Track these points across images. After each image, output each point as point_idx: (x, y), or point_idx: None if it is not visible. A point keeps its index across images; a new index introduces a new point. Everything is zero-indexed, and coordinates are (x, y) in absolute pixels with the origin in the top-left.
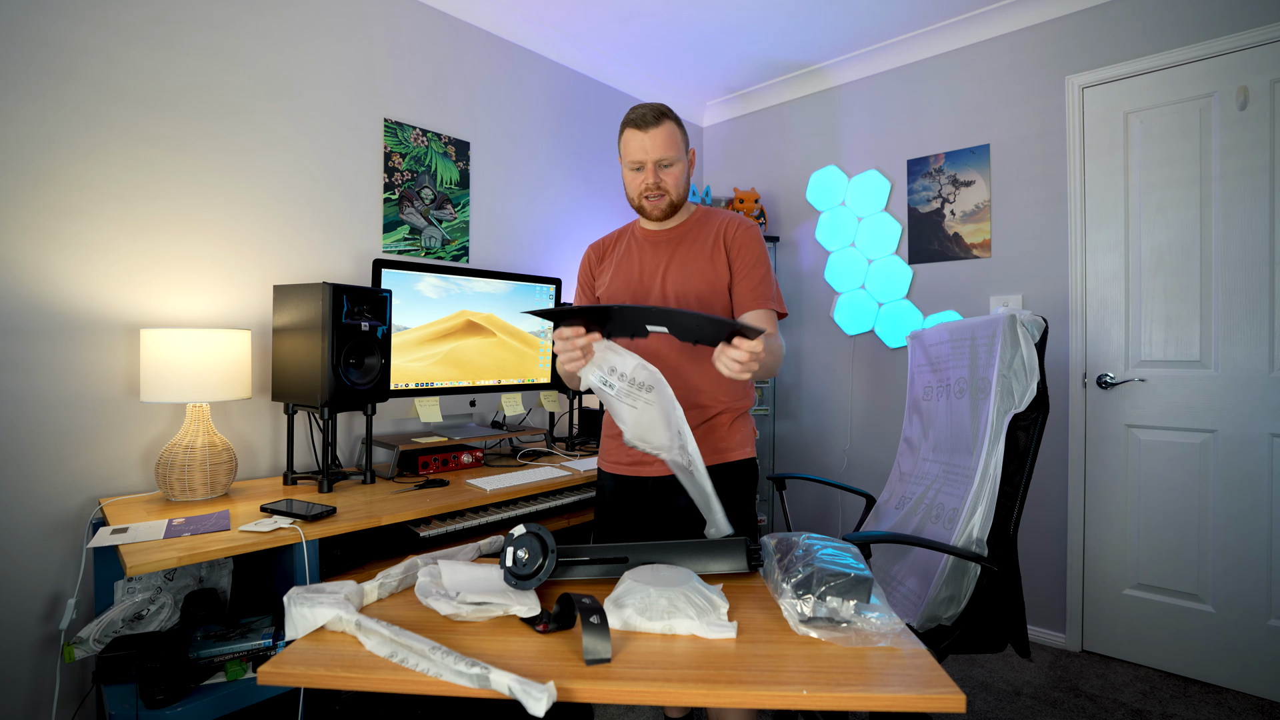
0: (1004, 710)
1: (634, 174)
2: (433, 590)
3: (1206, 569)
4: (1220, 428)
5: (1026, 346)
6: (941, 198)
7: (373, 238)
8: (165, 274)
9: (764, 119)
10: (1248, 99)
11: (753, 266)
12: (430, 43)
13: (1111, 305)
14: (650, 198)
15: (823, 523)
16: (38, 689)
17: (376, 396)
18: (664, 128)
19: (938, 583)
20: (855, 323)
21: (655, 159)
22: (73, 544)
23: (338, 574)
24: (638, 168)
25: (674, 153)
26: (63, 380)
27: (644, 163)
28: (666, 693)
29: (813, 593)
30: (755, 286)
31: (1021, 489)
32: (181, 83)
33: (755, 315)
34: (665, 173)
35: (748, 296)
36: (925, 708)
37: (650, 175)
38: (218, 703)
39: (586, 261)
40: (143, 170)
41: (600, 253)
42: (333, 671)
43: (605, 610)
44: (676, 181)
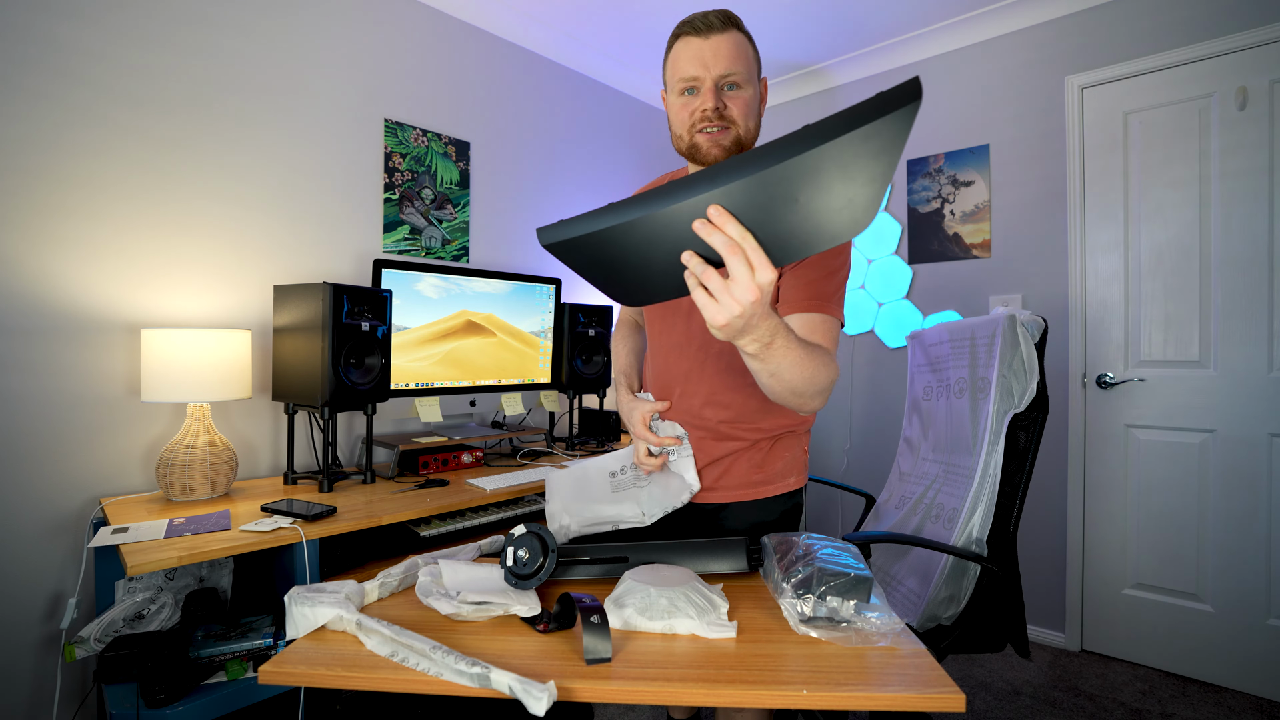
0: (1004, 710)
1: (685, 100)
2: (433, 590)
3: (1205, 569)
4: (1219, 428)
5: (1026, 346)
6: (941, 198)
7: (373, 238)
8: (166, 274)
9: (764, 119)
10: (1247, 99)
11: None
12: (430, 43)
13: (1111, 305)
14: (709, 130)
15: (823, 523)
16: (38, 688)
17: (377, 396)
18: (730, 36)
19: (937, 582)
20: (855, 323)
21: (718, 74)
22: (73, 543)
23: (338, 573)
24: (691, 88)
25: (744, 68)
26: (63, 380)
27: (701, 81)
28: (667, 692)
29: (813, 592)
30: (811, 283)
31: (1021, 489)
32: (182, 83)
33: (812, 318)
34: (732, 96)
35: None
36: (925, 707)
37: (710, 97)
38: (218, 702)
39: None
40: (143, 170)
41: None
42: (333, 671)
43: (606, 609)
44: (746, 110)
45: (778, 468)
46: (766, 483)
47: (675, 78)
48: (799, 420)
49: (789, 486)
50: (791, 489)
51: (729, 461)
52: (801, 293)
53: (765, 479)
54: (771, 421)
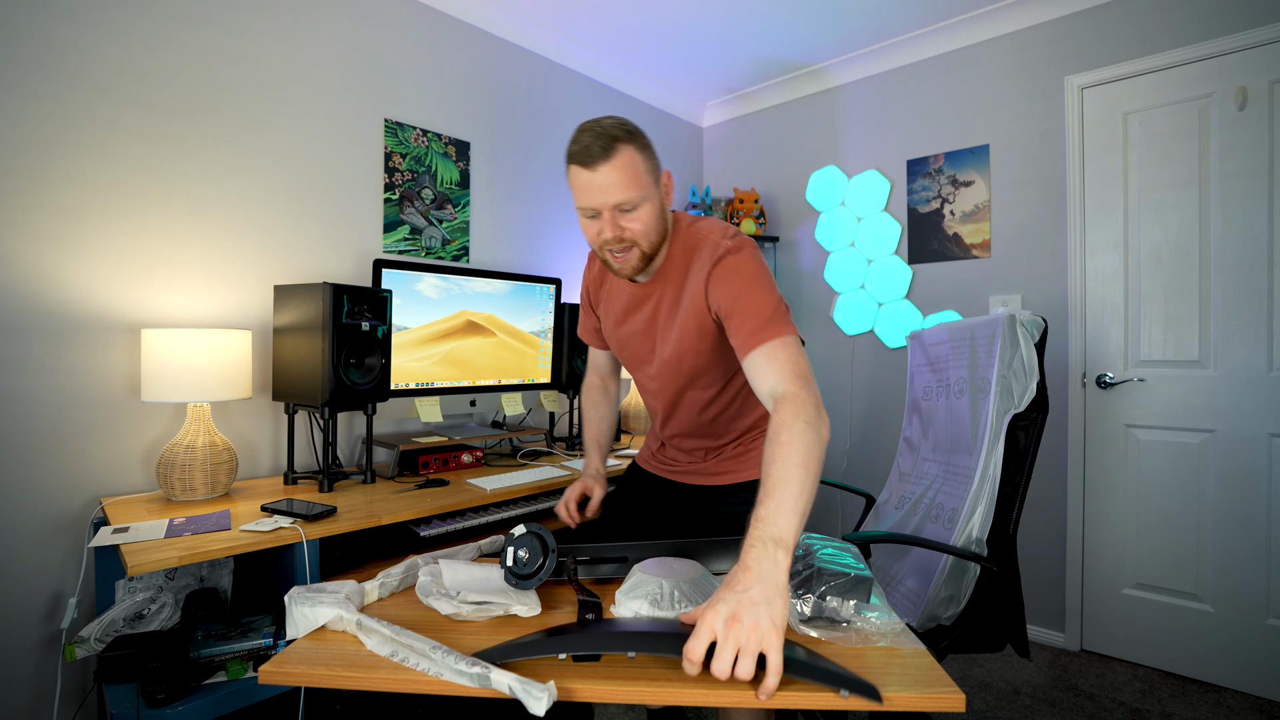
0: (1003, 709)
1: (589, 222)
2: (433, 590)
3: (1205, 568)
4: (1219, 427)
5: (1026, 346)
6: (941, 198)
7: (373, 238)
8: (166, 274)
9: (764, 119)
10: (1246, 99)
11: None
12: (430, 43)
13: (1111, 305)
14: (614, 252)
15: (823, 523)
16: (39, 688)
17: (377, 396)
18: (619, 159)
19: (937, 582)
20: (855, 323)
21: (612, 204)
22: (74, 543)
23: (338, 573)
24: (592, 215)
25: (636, 192)
26: (63, 380)
27: (598, 210)
28: (667, 692)
29: (813, 592)
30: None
31: (1021, 489)
32: (182, 83)
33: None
34: (628, 218)
35: (746, 340)
36: (925, 707)
37: (609, 227)
38: (218, 702)
39: (589, 273)
40: (143, 170)
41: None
42: (333, 671)
43: (617, 601)
44: (646, 228)
45: (751, 458)
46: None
47: (578, 205)
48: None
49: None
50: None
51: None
52: (745, 331)
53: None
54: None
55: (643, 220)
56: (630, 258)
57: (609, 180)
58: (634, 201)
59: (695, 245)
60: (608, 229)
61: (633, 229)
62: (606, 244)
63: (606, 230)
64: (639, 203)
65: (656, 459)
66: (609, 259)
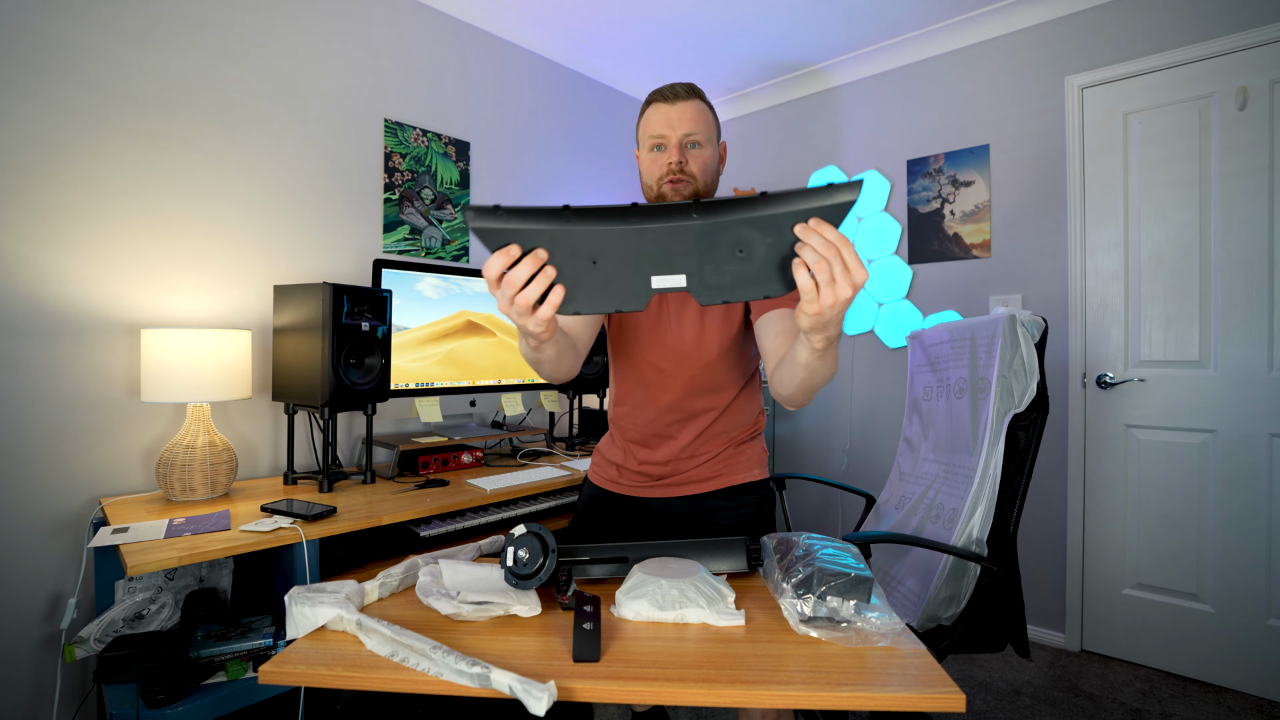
0: (1003, 710)
1: (654, 155)
2: (433, 590)
3: (1206, 569)
4: (1219, 428)
5: (1026, 346)
6: (941, 198)
7: (373, 238)
8: (165, 274)
9: (764, 119)
10: (1247, 99)
11: None
12: (430, 43)
13: (1111, 305)
14: (672, 181)
15: (823, 523)
16: (39, 688)
17: (377, 396)
18: (693, 104)
19: (937, 583)
20: (855, 323)
21: (682, 134)
22: (73, 544)
23: (338, 573)
24: (659, 145)
25: (704, 131)
26: (63, 380)
27: (667, 139)
28: (666, 692)
29: (813, 592)
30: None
31: (1021, 489)
32: (182, 82)
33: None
34: (693, 154)
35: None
36: (925, 707)
37: (674, 153)
38: (218, 702)
39: None
40: (143, 170)
41: None
42: (333, 671)
43: (617, 601)
44: (704, 167)
45: (741, 463)
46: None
47: (645, 135)
48: (758, 427)
49: (753, 477)
50: (756, 479)
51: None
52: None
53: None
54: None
55: (702, 161)
56: (686, 188)
57: (684, 114)
58: (700, 139)
59: None
60: (674, 153)
61: (693, 165)
62: (668, 172)
63: (673, 155)
64: (704, 143)
65: (628, 477)
66: (665, 191)
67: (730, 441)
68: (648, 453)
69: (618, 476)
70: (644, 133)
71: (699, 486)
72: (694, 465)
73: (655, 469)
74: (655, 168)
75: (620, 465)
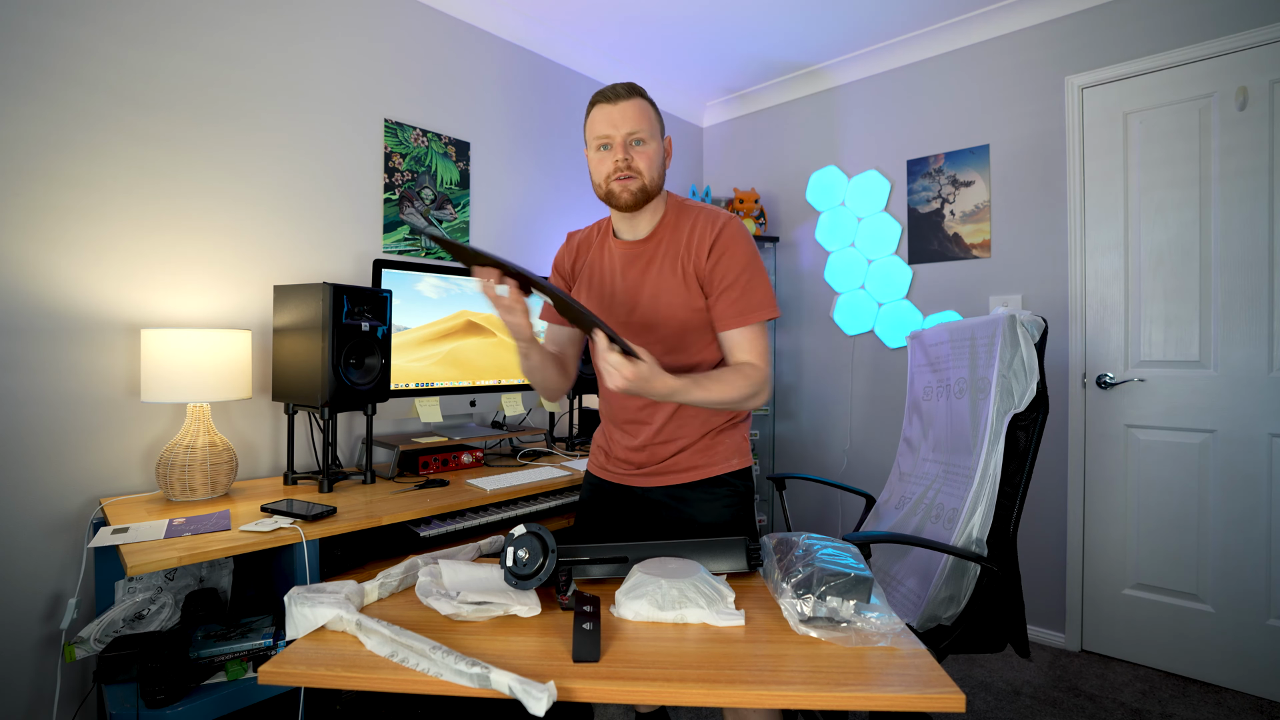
0: (1003, 710)
1: (601, 154)
2: (433, 590)
3: (1206, 569)
4: (1219, 428)
5: (1026, 346)
6: (941, 198)
7: (373, 238)
8: (165, 274)
9: (764, 119)
10: (1247, 99)
11: (727, 278)
12: (430, 43)
13: (1111, 305)
14: (620, 178)
15: (823, 523)
16: (39, 688)
17: (377, 396)
18: (635, 102)
19: (937, 583)
20: (855, 323)
21: (625, 132)
22: (73, 544)
23: (338, 574)
24: (604, 144)
25: (647, 127)
26: (63, 380)
27: (612, 138)
28: (666, 693)
29: (813, 593)
30: (734, 302)
31: (1021, 489)
32: (182, 82)
33: (735, 336)
34: (637, 151)
35: (726, 314)
36: (925, 707)
37: (619, 151)
38: (218, 702)
39: (562, 256)
40: (143, 170)
41: (576, 250)
42: (333, 671)
43: (617, 601)
44: (650, 163)
45: (719, 452)
46: (710, 465)
47: (592, 136)
48: (738, 414)
49: (731, 467)
50: (735, 469)
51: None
52: (730, 311)
53: (708, 462)
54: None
55: (648, 157)
56: (633, 184)
57: (625, 114)
58: (644, 136)
59: (693, 214)
60: (619, 151)
61: (639, 162)
62: (615, 170)
63: (618, 153)
64: (648, 139)
65: (614, 464)
66: (614, 188)
67: (708, 428)
68: (626, 438)
69: (605, 463)
70: (590, 133)
71: (679, 477)
72: (671, 452)
73: (635, 455)
74: (603, 166)
75: (607, 451)
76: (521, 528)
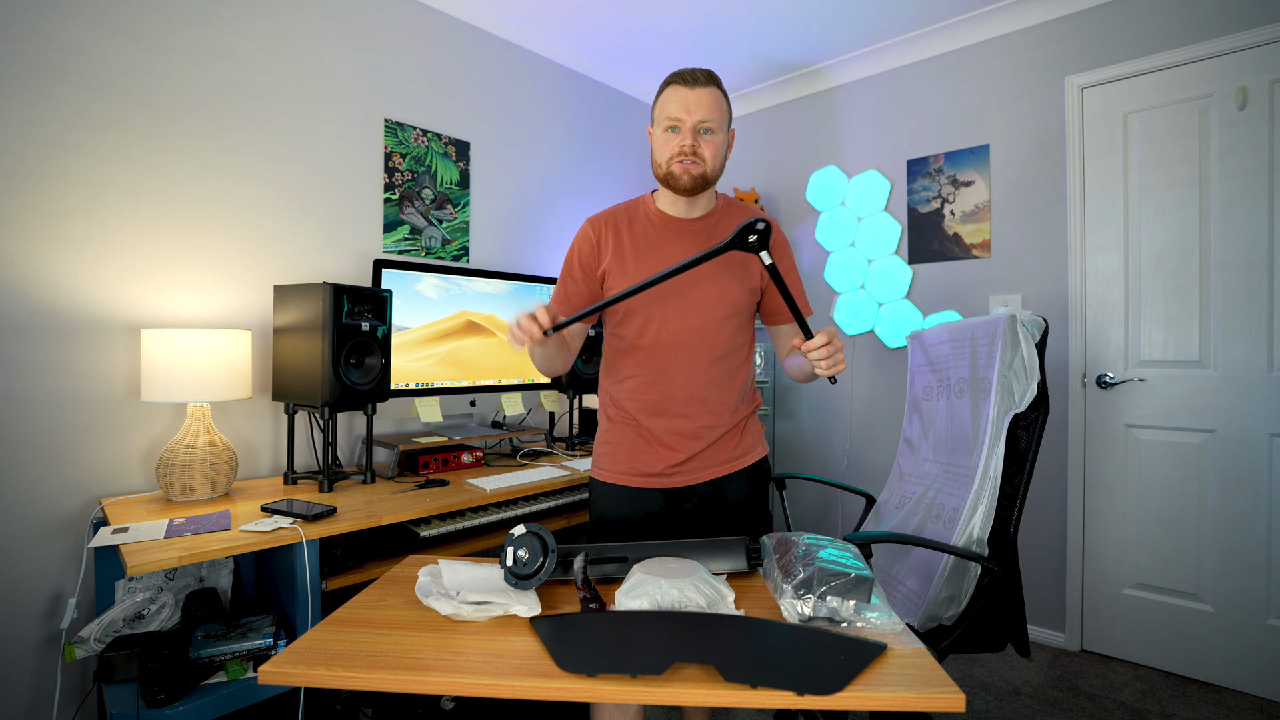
0: (1004, 709)
1: (668, 135)
2: (433, 590)
3: (1205, 568)
4: (1219, 428)
5: (1026, 346)
6: (941, 198)
7: (373, 238)
8: (166, 274)
9: (764, 119)
10: (1247, 99)
11: (790, 275)
12: (430, 43)
13: (1111, 305)
14: (683, 161)
15: (823, 523)
16: (39, 688)
17: (377, 396)
18: (710, 91)
19: (938, 582)
20: (855, 323)
21: (697, 119)
22: (74, 543)
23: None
24: (673, 127)
25: (718, 118)
26: (63, 380)
27: (682, 123)
28: (666, 693)
29: (813, 593)
30: (800, 296)
31: (1022, 489)
32: (182, 82)
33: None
34: (705, 139)
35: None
36: (925, 707)
37: (688, 137)
38: (218, 702)
39: (585, 240)
40: (143, 170)
41: (605, 231)
42: (333, 671)
43: (617, 601)
44: (715, 153)
45: (749, 443)
46: (745, 455)
47: (662, 116)
48: (756, 404)
49: (759, 455)
50: (760, 457)
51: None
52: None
53: (743, 452)
54: (742, 409)
55: (714, 146)
56: (695, 169)
57: (702, 101)
58: (714, 126)
59: (738, 207)
60: (687, 136)
61: (705, 150)
62: (681, 153)
63: (687, 139)
64: (716, 129)
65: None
66: (675, 169)
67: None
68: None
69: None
70: (660, 112)
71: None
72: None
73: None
74: (668, 147)
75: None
76: (521, 527)
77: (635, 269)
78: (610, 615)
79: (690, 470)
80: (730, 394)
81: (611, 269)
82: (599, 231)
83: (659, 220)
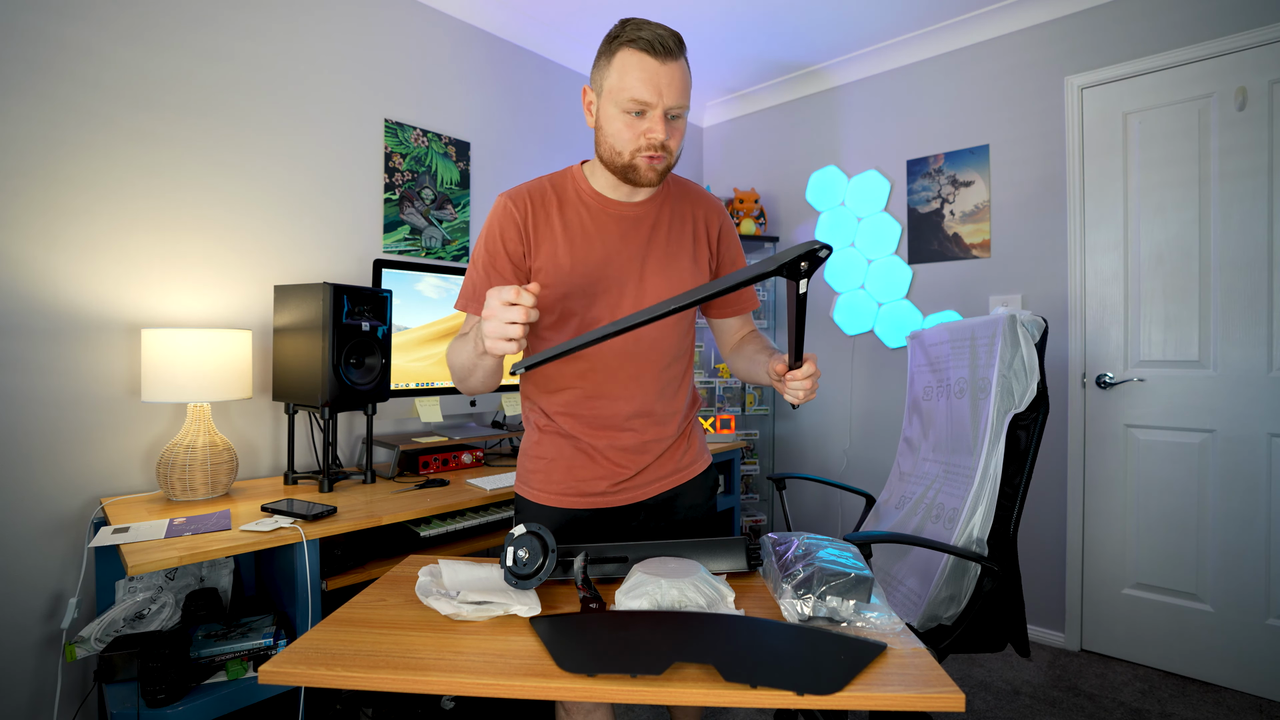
0: (1003, 709)
1: (632, 120)
2: (433, 590)
3: (1205, 568)
4: (1219, 428)
5: (1026, 346)
6: (941, 198)
7: (373, 238)
8: (166, 274)
9: (764, 119)
10: (1246, 100)
11: (738, 262)
12: (430, 43)
13: (1111, 305)
14: (652, 157)
15: (823, 523)
16: (39, 688)
17: (377, 396)
18: (682, 65)
19: (938, 582)
20: (855, 323)
21: (669, 105)
22: (74, 543)
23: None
24: (640, 111)
25: (687, 100)
26: (64, 380)
27: (652, 107)
28: (666, 692)
29: (813, 592)
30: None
31: (1021, 489)
32: (182, 82)
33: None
34: (673, 126)
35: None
36: (925, 707)
37: (659, 128)
38: (218, 702)
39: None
40: (143, 170)
41: (531, 213)
42: (333, 671)
43: (617, 601)
44: (680, 140)
45: (695, 450)
46: (693, 463)
47: (623, 93)
48: (698, 407)
49: (706, 464)
50: (708, 465)
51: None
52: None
53: (691, 460)
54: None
55: (680, 134)
56: (659, 165)
57: (674, 79)
58: (683, 111)
59: (688, 189)
60: (659, 129)
61: (674, 140)
62: (650, 146)
63: (658, 131)
64: (683, 113)
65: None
66: (639, 163)
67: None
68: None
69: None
70: (618, 84)
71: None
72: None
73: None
74: (631, 134)
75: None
76: (521, 527)
77: (571, 263)
78: (610, 615)
79: (638, 485)
80: (678, 403)
81: (543, 263)
82: (524, 212)
83: (594, 203)
